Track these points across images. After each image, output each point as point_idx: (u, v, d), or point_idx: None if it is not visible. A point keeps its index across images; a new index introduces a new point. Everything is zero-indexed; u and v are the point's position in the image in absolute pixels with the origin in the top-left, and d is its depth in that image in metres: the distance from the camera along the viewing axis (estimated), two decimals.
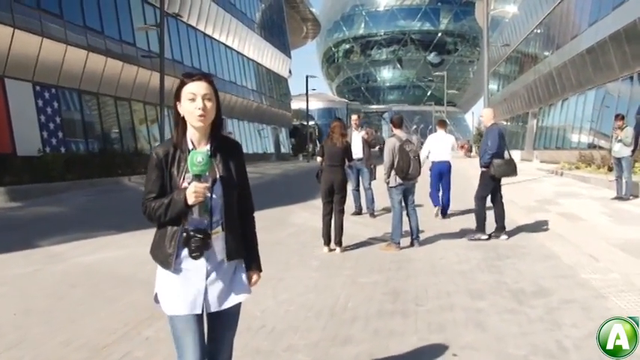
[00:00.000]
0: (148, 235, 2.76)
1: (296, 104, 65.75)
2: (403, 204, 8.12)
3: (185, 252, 2.52)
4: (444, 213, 11.12)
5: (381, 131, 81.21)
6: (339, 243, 7.93)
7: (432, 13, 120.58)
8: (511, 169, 8.68)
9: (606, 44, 23.69)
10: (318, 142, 53.74)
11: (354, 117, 11.72)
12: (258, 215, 2.87)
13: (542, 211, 11.39)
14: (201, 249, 2.47)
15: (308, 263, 7.29)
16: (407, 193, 8.14)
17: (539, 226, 9.59)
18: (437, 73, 74.96)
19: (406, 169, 7.88)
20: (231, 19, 40.30)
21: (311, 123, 72.05)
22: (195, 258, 2.49)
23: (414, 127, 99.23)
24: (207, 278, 2.55)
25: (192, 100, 2.49)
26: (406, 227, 8.23)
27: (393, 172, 7.98)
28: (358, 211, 11.70)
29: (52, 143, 20.40)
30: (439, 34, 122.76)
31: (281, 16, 56.11)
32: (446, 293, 5.72)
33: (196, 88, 2.50)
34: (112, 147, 24.19)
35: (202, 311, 2.58)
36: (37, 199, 15.36)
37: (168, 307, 2.57)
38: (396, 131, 8.20)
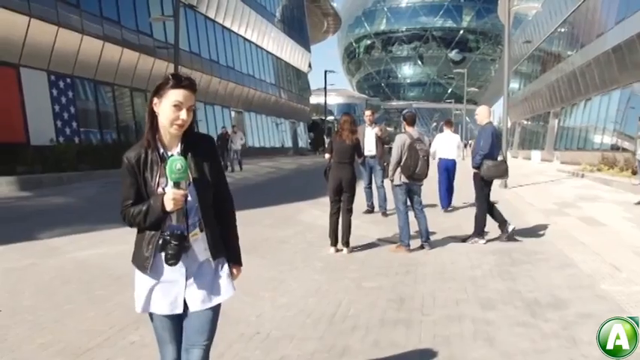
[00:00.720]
0: None
1: (316, 99, 65.40)
2: (409, 204, 7.78)
3: (162, 256, 2.46)
4: (449, 204, 11.96)
5: (400, 128, 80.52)
6: (346, 243, 7.61)
7: (454, 9, 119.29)
8: (501, 171, 8.34)
9: (634, 43, 23.03)
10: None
11: (367, 113, 11.35)
12: (267, 212, 2.76)
13: (561, 215, 10.96)
14: (177, 256, 2.43)
15: (312, 264, 6.97)
16: (412, 193, 7.79)
17: (558, 231, 9.17)
18: (457, 70, 73.91)
19: (413, 168, 7.52)
20: (251, 12, 40.05)
21: (330, 118, 71.80)
22: (171, 264, 2.44)
23: (434, 124, 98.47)
24: (186, 279, 2.52)
25: (177, 107, 2.42)
26: (417, 228, 7.90)
27: (398, 170, 7.63)
28: (370, 210, 11.36)
29: (65, 133, 20.30)
30: (461, 32, 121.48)
31: (301, 10, 55.75)
32: (454, 301, 5.37)
33: (184, 97, 2.43)
34: (127, 138, 24.05)
35: (181, 312, 2.55)
36: (48, 189, 15.23)
37: (142, 306, 2.57)
38: (408, 128, 7.84)
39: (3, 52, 17.78)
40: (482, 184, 8.36)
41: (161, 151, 2.49)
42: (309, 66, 60.65)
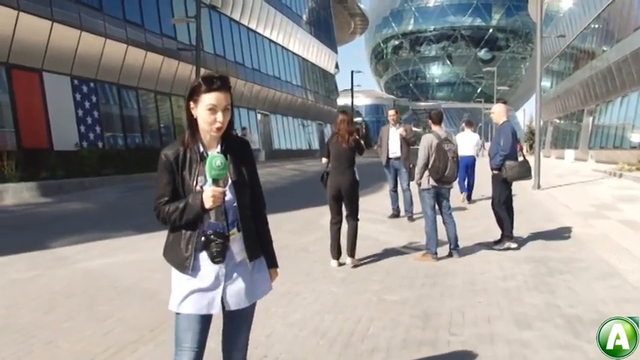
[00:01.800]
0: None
1: (343, 100, 64.85)
2: (437, 209, 7.26)
3: (202, 255, 2.49)
4: (469, 197, 13.19)
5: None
6: (351, 254, 6.93)
7: (483, 8, 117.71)
8: (525, 171, 7.74)
9: None
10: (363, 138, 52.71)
11: (390, 112, 10.84)
12: (287, 216, 2.72)
13: (600, 218, 10.30)
14: (222, 253, 2.45)
15: (331, 275, 6.50)
16: (440, 197, 7.27)
17: (597, 236, 8.55)
18: (487, 69, 72.68)
19: (442, 170, 7.00)
20: (276, 14, 39.75)
21: (358, 119, 71.19)
22: (217, 262, 2.47)
23: (463, 124, 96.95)
24: (225, 280, 2.53)
25: (213, 111, 2.44)
26: (445, 234, 7.37)
27: (426, 173, 7.12)
28: (396, 214, 10.84)
29: (89, 138, 20.19)
30: (490, 30, 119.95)
31: (328, 11, 55.31)
32: (486, 319, 4.84)
33: (217, 100, 2.44)
34: (151, 142, 23.88)
35: (218, 312, 2.57)
36: (69, 194, 15.04)
37: (178, 304, 2.53)
38: (435, 128, 7.33)
39: (25, 56, 17.70)
40: (503, 186, 7.82)
41: (201, 150, 2.51)
42: (337, 67, 60.15)
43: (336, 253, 6.88)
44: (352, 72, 50.78)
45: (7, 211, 12.30)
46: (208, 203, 2.39)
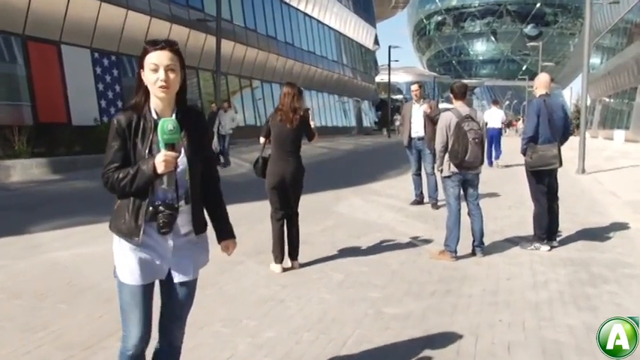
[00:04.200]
0: None
1: (384, 77, 63.28)
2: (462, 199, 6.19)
3: (151, 225, 2.44)
4: (490, 162, 15.11)
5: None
6: (294, 257, 5.76)
7: None
8: (547, 158, 6.35)
9: None
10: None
11: (413, 87, 9.66)
12: (300, 200, 2.92)
13: None
14: (169, 224, 2.43)
15: (328, 276, 5.51)
16: (466, 184, 6.17)
17: None
18: (533, 44, 69.78)
19: (462, 154, 5.91)
20: None
21: (399, 97, 69.53)
22: (164, 233, 2.44)
23: (507, 102, 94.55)
24: (172, 250, 2.50)
25: (155, 70, 2.41)
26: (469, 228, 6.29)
27: (446, 158, 6.04)
28: (419, 200, 9.77)
29: (110, 113, 19.43)
30: (538, 5, 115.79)
31: None
32: (505, 346, 3.81)
33: (158, 59, 2.41)
34: None
35: (163, 277, 2.55)
36: (80, 172, 14.37)
37: (124, 275, 2.49)
38: (457, 103, 6.20)
39: (42, 28, 17.03)
40: (532, 177, 6.61)
41: (155, 117, 2.46)
42: (377, 43, 58.45)
43: (280, 254, 5.66)
44: (390, 47, 48.99)
45: (9, 189, 11.68)
46: (160, 168, 2.33)
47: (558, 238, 6.76)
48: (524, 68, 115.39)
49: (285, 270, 5.64)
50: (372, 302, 4.70)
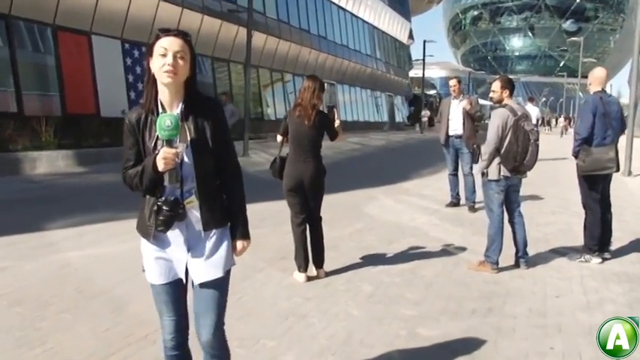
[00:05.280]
0: None
1: (418, 72, 62.37)
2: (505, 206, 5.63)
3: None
4: None
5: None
6: (318, 264, 5.29)
7: None
8: (602, 162, 5.75)
9: None
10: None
11: (451, 82, 9.06)
12: (328, 201, 2.32)
13: None
14: (166, 222, 2.35)
15: (357, 287, 5.04)
16: (510, 189, 5.61)
17: None
18: (572, 39, 68.10)
19: (521, 156, 5.32)
20: None
21: (433, 92, 68.46)
22: (160, 232, 2.38)
23: (543, 99, 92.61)
24: (188, 250, 2.44)
25: (163, 55, 2.32)
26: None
27: (497, 160, 5.46)
28: (455, 202, 9.21)
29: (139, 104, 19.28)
30: (577, 0, 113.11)
31: None
32: None
33: (168, 44, 2.33)
34: None
35: (186, 282, 2.51)
36: (106, 164, 14.11)
37: (148, 274, 2.49)
38: (508, 100, 5.63)
39: (73, 18, 16.83)
40: (584, 182, 6.00)
41: (160, 110, 2.38)
42: (411, 37, 57.50)
43: (304, 262, 5.19)
44: (424, 41, 48.14)
45: (34, 181, 11.46)
46: (160, 165, 2.27)
47: (610, 249, 6.16)
48: (561, 64, 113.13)
49: (309, 279, 5.18)
50: (405, 320, 4.22)
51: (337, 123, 5.31)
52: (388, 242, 6.70)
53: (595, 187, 5.92)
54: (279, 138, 5.30)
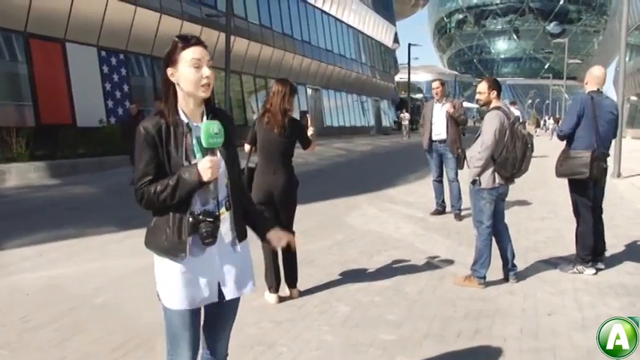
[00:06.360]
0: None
1: (404, 76, 62.20)
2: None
3: (194, 239, 2.24)
4: None
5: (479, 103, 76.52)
6: (291, 284, 4.87)
7: None
8: (576, 166, 5.39)
9: None
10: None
11: (434, 85, 8.64)
12: (308, 210, 1.48)
13: None
14: (213, 234, 2.22)
15: (332, 308, 4.61)
16: (499, 199, 5.20)
17: None
18: (557, 41, 68.39)
19: (519, 164, 4.94)
20: None
21: (419, 96, 68.32)
22: (208, 244, 2.23)
23: (529, 101, 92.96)
24: (219, 265, 2.32)
25: (198, 67, 2.21)
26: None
27: (491, 167, 5.04)
28: (441, 210, 8.82)
29: (117, 113, 18.70)
30: (561, 2, 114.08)
31: None
32: None
33: (201, 55, 2.23)
34: None
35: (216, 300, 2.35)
36: (81, 176, 13.66)
37: (173, 301, 2.27)
38: (497, 102, 5.22)
39: (46, 25, 16.36)
40: (572, 185, 5.63)
41: (186, 121, 2.26)
42: (397, 41, 57.31)
43: (275, 282, 4.74)
44: (409, 45, 47.99)
45: (2, 195, 10.94)
46: (207, 175, 2.16)
47: (604, 259, 5.79)
48: (546, 66, 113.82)
49: (281, 300, 4.76)
50: (383, 348, 3.80)
51: (310, 131, 4.90)
52: (369, 255, 6.29)
53: (586, 193, 5.54)
54: (247, 147, 4.89)
